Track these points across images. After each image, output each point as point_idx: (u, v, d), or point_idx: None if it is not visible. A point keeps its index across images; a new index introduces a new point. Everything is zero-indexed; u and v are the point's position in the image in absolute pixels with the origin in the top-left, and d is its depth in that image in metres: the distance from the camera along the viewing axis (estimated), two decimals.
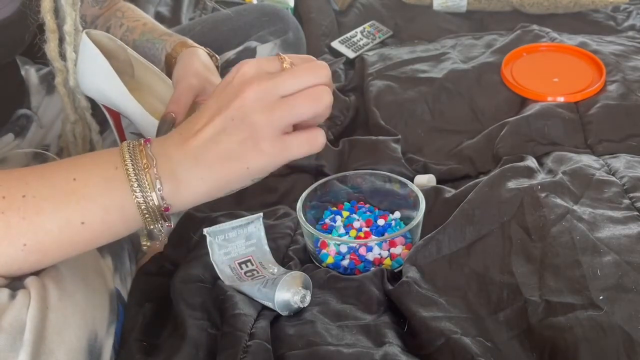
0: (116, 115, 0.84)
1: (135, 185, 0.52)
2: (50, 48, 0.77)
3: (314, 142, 0.53)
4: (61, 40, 0.78)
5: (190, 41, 0.86)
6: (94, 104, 0.86)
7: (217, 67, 0.85)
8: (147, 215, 0.53)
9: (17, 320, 0.49)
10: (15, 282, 0.52)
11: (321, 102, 0.52)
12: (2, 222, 0.50)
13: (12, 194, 0.51)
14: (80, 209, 0.52)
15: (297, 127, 0.54)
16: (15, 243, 0.51)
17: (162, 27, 0.90)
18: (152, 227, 0.54)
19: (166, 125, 0.75)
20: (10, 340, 0.48)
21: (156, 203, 0.52)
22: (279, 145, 0.52)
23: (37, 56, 0.79)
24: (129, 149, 0.53)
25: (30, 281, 0.53)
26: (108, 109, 0.83)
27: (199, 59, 0.82)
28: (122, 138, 0.87)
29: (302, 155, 0.53)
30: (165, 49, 0.85)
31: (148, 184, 0.52)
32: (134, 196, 0.52)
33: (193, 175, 0.53)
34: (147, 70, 0.83)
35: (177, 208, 0.54)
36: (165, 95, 0.82)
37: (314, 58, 0.56)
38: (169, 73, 0.83)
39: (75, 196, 0.51)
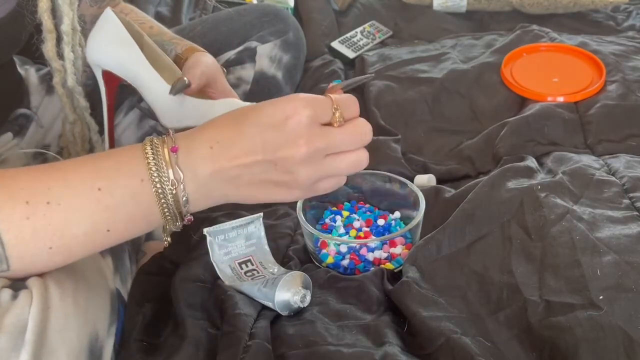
0: (114, 85, 0.84)
1: (163, 200, 0.54)
2: (48, 48, 0.77)
3: (337, 185, 0.58)
4: (59, 40, 0.78)
5: (199, 47, 0.87)
6: (92, 104, 0.86)
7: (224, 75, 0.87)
8: (169, 218, 0.55)
9: (19, 320, 0.49)
10: (17, 283, 0.53)
11: (359, 167, 0.57)
12: (27, 228, 0.51)
13: (35, 200, 0.52)
14: (106, 218, 0.53)
15: None
16: (40, 246, 0.52)
17: (169, 31, 0.91)
18: (171, 226, 0.57)
19: (180, 84, 0.76)
20: (12, 341, 0.48)
21: (182, 210, 0.55)
22: (309, 191, 0.56)
23: (36, 56, 0.79)
24: (155, 160, 0.53)
25: (32, 281, 0.53)
26: (109, 77, 0.83)
27: (208, 61, 0.83)
28: (111, 109, 0.86)
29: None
30: (175, 50, 0.86)
31: (175, 201, 0.54)
32: (160, 207, 0.54)
33: (219, 192, 0.55)
34: (159, 58, 0.84)
35: (196, 210, 0.57)
36: None
37: (357, 103, 0.59)
38: None
39: (101, 206, 0.53)
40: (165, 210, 0.54)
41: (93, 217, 0.53)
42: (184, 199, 0.54)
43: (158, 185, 0.53)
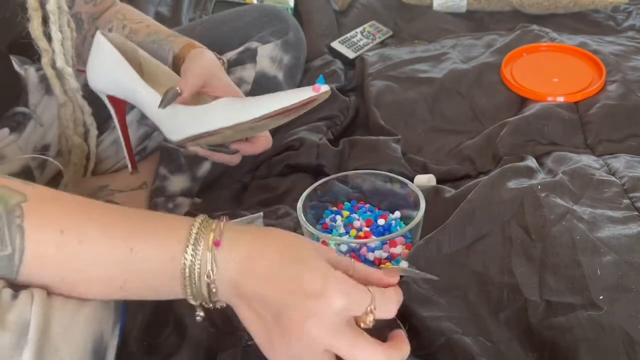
0: (121, 108, 0.85)
1: (189, 292, 0.53)
2: (34, 27, 0.76)
3: None
4: (46, 20, 0.78)
5: (197, 43, 0.86)
6: (93, 103, 0.86)
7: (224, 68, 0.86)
8: (189, 295, 0.54)
9: (21, 318, 0.49)
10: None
11: None
12: (50, 254, 0.51)
13: (70, 234, 0.52)
14: (124, 278, 0.53)
15: None
16: (53, 275, 0.52)
17: (166, 29, 0.90)
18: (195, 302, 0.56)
19: (170, 94, 0.77)
20: (14, 339, 0.48)
21: (204, 297, 0.54)
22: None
23: (36, 57, 0.78)
24: (194, 246, 0.53)
25: None
26: (114, 100, 0.84)
27: (206, 58, 0.82)
28: (125, 131, 0.88)
29: None
30: (172, 49, 0.85)
31: (198, 291, 0.54)
32: (182, 286, 0.53)
33: (226, 296, 0.54)
34: (157, 68, 0.84)
35: (218, 299, 0.56)
36: None
37: (398, 305, 0.55)
38: (176, 73, 0.83)
39: (126, 264, 0.53)
40: (190, 295, 0.54)
41: (113, 270, 0.53)
42: (212, 288, 0.53)
43: (187, 273, 0.53)
